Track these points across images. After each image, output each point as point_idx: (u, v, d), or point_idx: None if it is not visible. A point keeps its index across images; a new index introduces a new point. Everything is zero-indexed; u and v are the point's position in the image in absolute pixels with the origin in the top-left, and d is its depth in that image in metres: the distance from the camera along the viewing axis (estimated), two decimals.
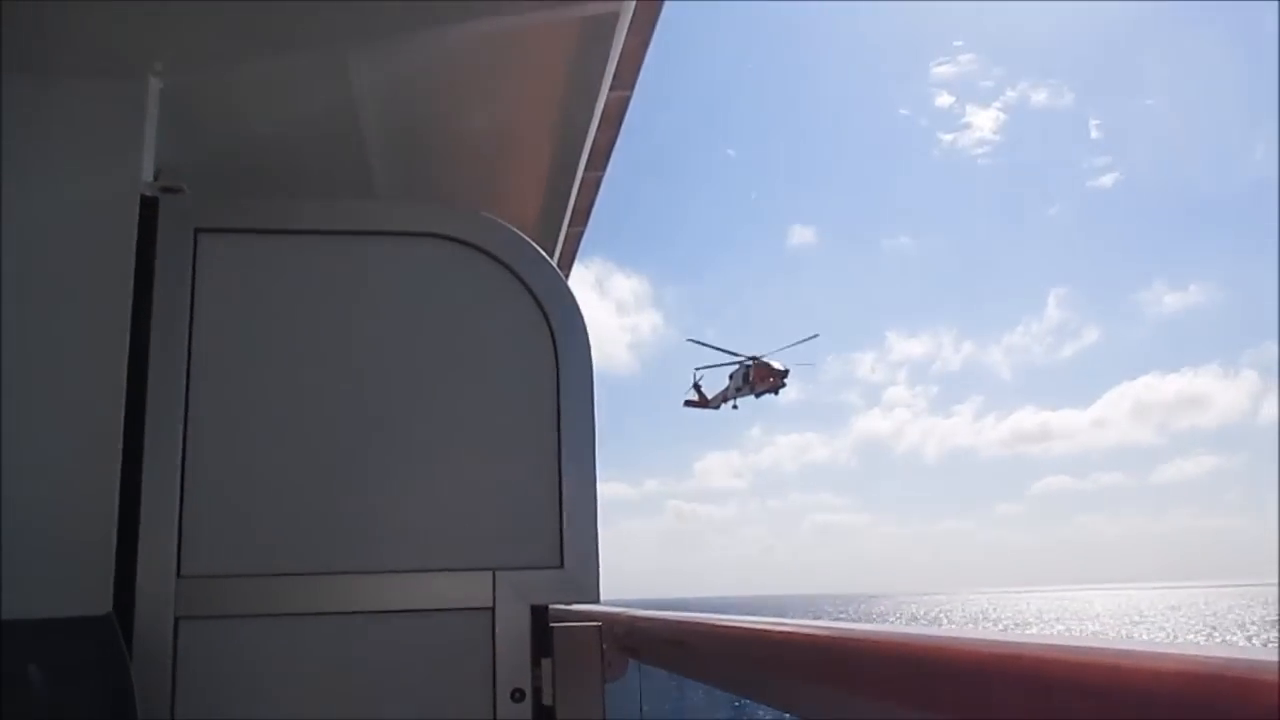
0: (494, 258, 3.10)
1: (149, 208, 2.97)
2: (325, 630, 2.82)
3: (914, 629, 1.69)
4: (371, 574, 2.86)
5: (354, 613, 2.83)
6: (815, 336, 72.47)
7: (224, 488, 2.84)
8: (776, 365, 67.10)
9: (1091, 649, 1.17)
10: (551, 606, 2.99)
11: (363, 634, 2.83)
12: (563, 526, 2.96)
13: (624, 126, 4.84)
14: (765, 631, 2.22)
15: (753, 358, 68.60)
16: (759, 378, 67.39)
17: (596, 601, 3.00)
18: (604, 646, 3.02)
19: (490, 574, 2.90)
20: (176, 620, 2.73)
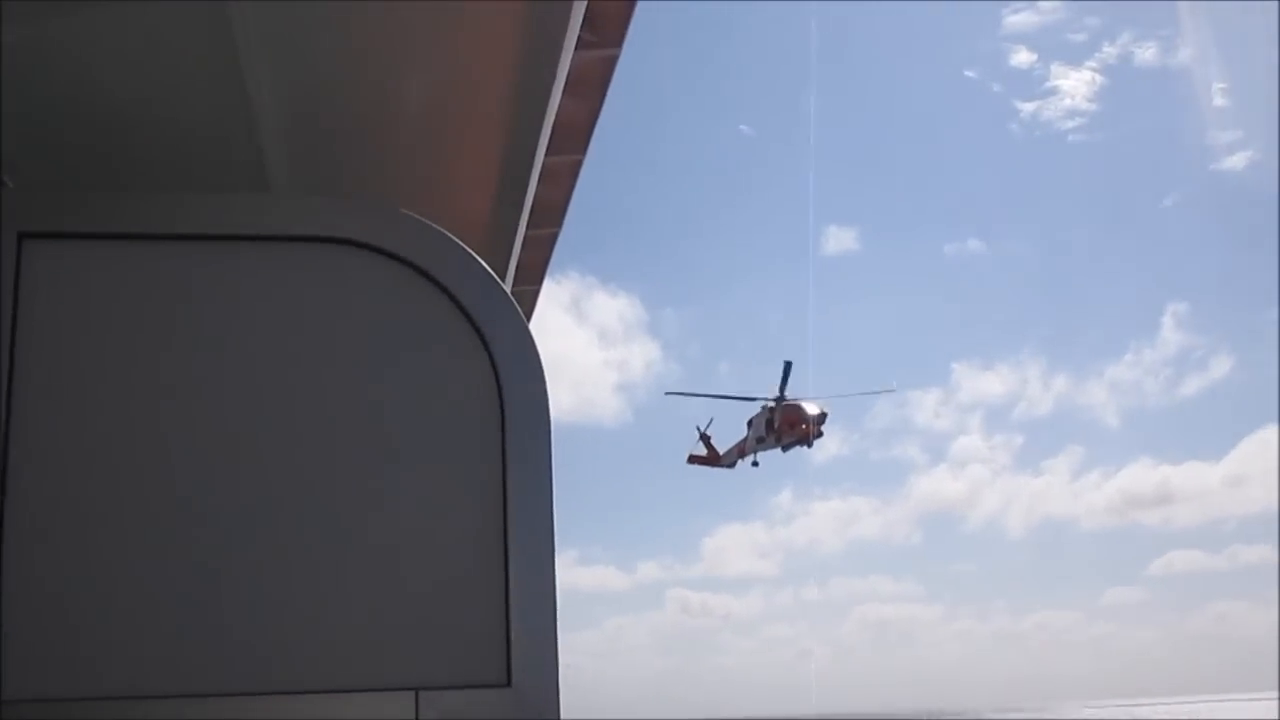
0: (416, 269, 3.05)
1: None
2: None
3: None
4: (253, 696, 2.78)
5: None
6: (893, 389, 70.93)
7: (55, 583, 2.77)
8: (810, 408, 66.96)
9: None
10: None
11: None
12: (510, 629, 2.89)
13: (610, 97, 4.83)
14: None
15: (777, 398, 68.54)
16: (787, 424, 67.17)
17: None
18: None
19: (412, 695, 2.83)
20: None
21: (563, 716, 2.93)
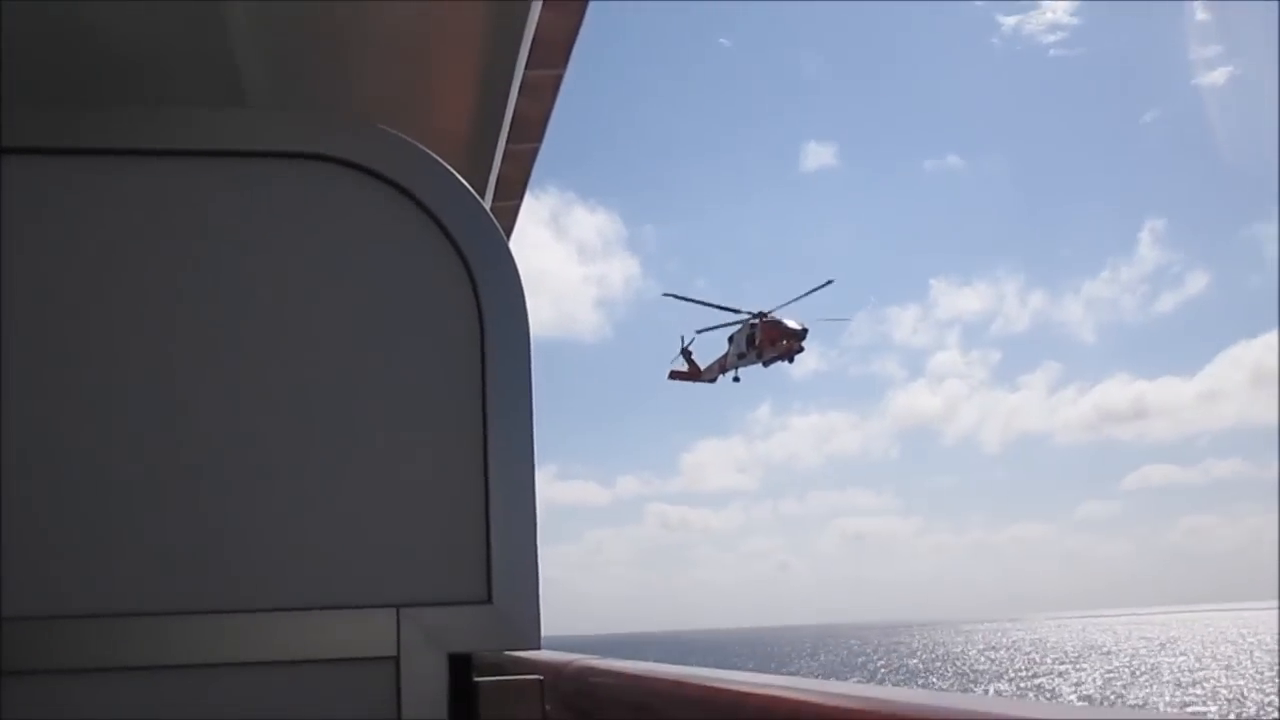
0: (394, 185, 3.02)
1: None
2: (169, 690, 2.76)
3: (951, 695, 1.66)
4: (234, 614, 2.80)
5: (207, 665, 2.78)
6: (829, 284, 70.36)
7: (36, 501, 2.77)
8: (791, 324, 67.16)
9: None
10: (476, 655, 2.94)
11: (222, 694, 2.77)
12: (490, 546, 2.90)
13: (590, 9, 4.76)
14: (761, 693, 2.17)
15: (759, 314, 68.66)
16: (769, 340, 67.50)
17: (537, 647, 2.95)
18: (546, 708, 2.97)
19: (393, 612, 2.85)
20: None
21: (544, 631, 2.97)
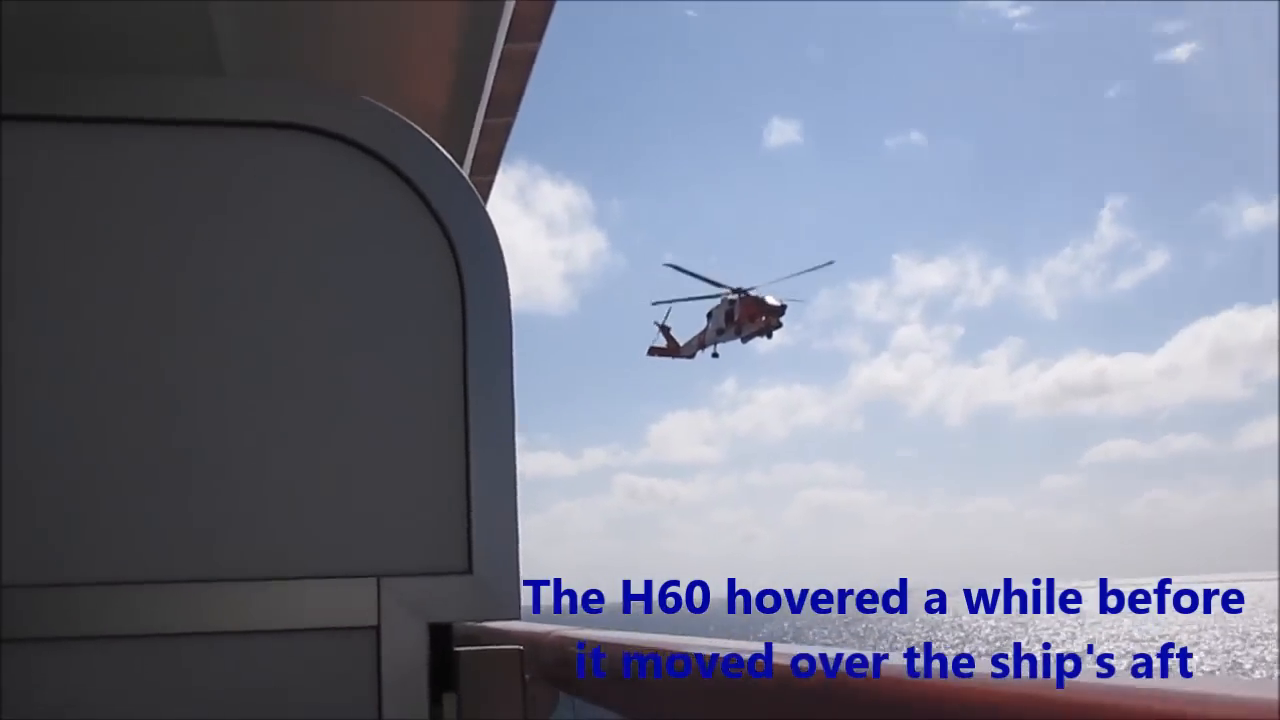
0: (376, 156, 2.99)
1: None
2: (154, 657, 2.76)
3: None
4: (215, 582, 2.79)
5: (189, 634, 2.78)
6: (830, 264, 72.72)
7: (24, 470, 2.76)
8: (770, 300, 67.41)
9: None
10: (456, 625, 2.95)
11: (203, 662, 2.78)
12: (471, 517, 2.90)
13: None
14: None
15: (738, 290, 68.82)
16: (747, 316, 67.78)
17: (517, 617, 2.97)
18: (526, 677, 2.99)
19: (374, 582, 2.84)
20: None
21: None
